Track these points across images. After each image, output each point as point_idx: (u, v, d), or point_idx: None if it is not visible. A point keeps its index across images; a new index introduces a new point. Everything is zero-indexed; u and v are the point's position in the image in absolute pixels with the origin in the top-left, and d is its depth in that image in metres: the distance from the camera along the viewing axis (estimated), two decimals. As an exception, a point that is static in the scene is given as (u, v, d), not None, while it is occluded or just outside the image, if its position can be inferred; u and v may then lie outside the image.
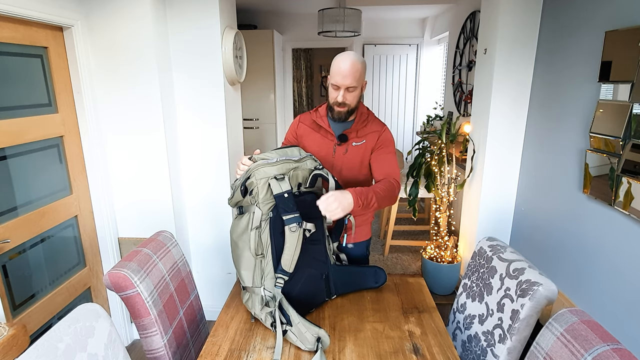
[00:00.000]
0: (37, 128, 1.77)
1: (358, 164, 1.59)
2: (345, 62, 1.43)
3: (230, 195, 1.37)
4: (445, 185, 2.84)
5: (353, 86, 1.45)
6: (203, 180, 2.39)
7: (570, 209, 1.99)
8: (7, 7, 1.52)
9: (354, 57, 1.44)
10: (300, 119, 1.68)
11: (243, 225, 1.33)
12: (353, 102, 1.51)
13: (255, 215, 1.29)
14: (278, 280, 1.28)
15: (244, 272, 1.33)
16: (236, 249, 1.35)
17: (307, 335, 1.20)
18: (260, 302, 1.31)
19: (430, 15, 4.94)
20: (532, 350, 1.03)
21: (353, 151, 1.57)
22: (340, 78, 1.44)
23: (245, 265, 1.32)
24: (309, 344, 1.19)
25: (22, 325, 1.30)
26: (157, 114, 2.10)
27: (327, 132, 1.59)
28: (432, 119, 4.47)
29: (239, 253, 1.34)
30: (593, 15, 1.83)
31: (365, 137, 1.57)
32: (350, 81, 1.44)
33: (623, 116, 1.58)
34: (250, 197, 1.31)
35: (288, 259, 1.26)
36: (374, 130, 1.58)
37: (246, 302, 1.36)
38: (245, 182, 1.30)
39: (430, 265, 2.84)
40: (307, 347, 1.19)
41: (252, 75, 4.53)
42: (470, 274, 1.49)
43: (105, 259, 2.24)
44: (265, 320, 1.29)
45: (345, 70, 1.42)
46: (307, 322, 1.22)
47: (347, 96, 1.48)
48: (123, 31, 1.99)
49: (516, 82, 2.36)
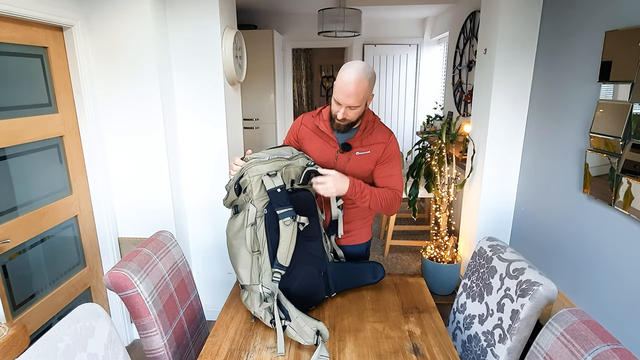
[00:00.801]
0: (37, 128, 1.77)
1: (360, 173, 1.52)
2: (350, 78, 1.32)
3: (225, 195, 1.38)
4: (445, 185, 2.84)
5: (355, 105, 1.37)
6: (203, 180, 2.39)
7: (570, 209, 1.99)
8: (7, 7, 1.52)
9: (361, 74, 1.32)
10: (302, 121, 1.60)
11: (238, 224, 1.33)
12: (354, 118, 1.43)
13: (250, 213, 1.30)
14: (275, 275, 1.28)
15: (241, 271, 1.33)
16: (232, 247, 1.36)
17: (306, 329, 1.20)
18: (259, 299, 1.31)
19: (430, 15, 4.94)
20: (532, 350, 1.03)
21: (356, 160, 1.51)
22: (343, 97, 1.35)
23: (242, 264, 1.33)
24: (309, 338, 1.19)
25: (22, 325, 1.30)
26: (157, 113, 2.10)
27: (330, 138, 1.52)
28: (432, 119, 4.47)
29: (235, 252, 1.35)
30: (593, 15, 1.83)
31: (370, 148, 1.50)
32: (352, 101, 1.35)
33: (623, 116, 1.58)
34: (244, 195, 1.32)
35: (284, 253, 1.27)
36: (380, 142, 1.51)
37: (245, 300, 1.36)
38: (239, 181, 1.31)
39: (430, 265, 2.84)
40: (306, 341, 1.20)
41: (252, 75, 4.53)
42: (470, 274, 1.49)
43: (105, 259, 2.24)
44: (264, 317, 1.30)
45: (348, 90, 1.33)
46: (305, 316, 1.23)
47: (348, 113, 1.40)
48: (123, 31, 1.99)
49: (516, 82, 2.36)
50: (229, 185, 1.36)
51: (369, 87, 1.36)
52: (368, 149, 1.51)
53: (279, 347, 1.20)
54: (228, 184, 1.36)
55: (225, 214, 2.44)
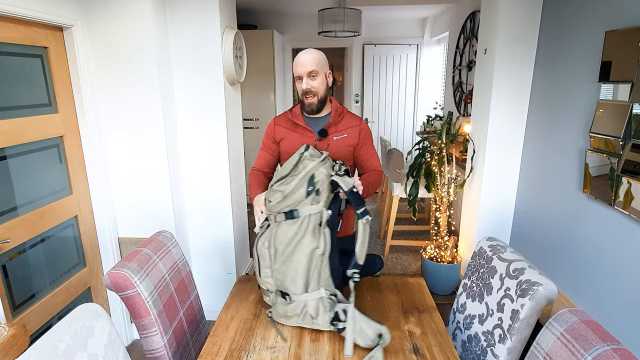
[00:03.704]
0: (37, 128, 1.77)
1: (341, 156, 1.61)
2: (303, 54, 1.52)
3: (280, 197, 1.28)
4: (445, 185, 2.84)
5: (314, 71, 1.50)
6: (203, 180, 2.39)
7: (570, 209, 1.99)
8: (7, 7, 1.52)
9: (311, 50, 1.53)
10: (275, 122, 1.68)
11: (294, 230, 1.27)
12: (320, 89, 1.54)
13: (324, 214, 1.29)
14: (355, 276, 1.27)
15: (299, 280, 1.27)
16: (292, 255, 1.28)
17: (368, 331, 1.20)
18: (321, 304, 1.28)
19: (430, 15, 4.94)
20: (532, 350, 1.03)
21: (335, 145, 1.61)
22: (300, 67, 1.50)
23: (300, 273, 1.27)
24: (369, 340, 1.19)
25: (22, 325, 1.30)
26: (157, 113, 2.10)
27: (305, 129, 1.61)
28: (432, 119, 4.47)
29: (296, 259, 1.27)
30: (593, 15, 1.83)
31: (346, 131, 1.62)
32: (310, 66, 1.49)
33: (623, 116, 1.58)
34: (314, 197, 1.28)
35: (362, 252, 1.28)
36: (353, 125, 1.64)
37: (290, 315, 1.30)
38: (313, 181, 1.28)
39: (430, 265, 2.84)
40: (366, 343, 1.19)
41: (252, 75, 4.53)
42: (470, 274, 1.49)
43: (105, 259, 2.24)
44: (322, 321, 1.27)
45: (303, 59, 1.50)
46: (368, 318, 1.22)
47: (311, 83, 1.52)
48: (123, 31, 1.99)
49: (516, 82, 2.36)
50: (288, 192, 1.28)
51: (321, 59, 1.53)
52: (344, 132, 1.62)
53: (347, 348, 1.16)
54: (286, 187, 1.29)
55: (224, 214, 2.44)
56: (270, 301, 1.39)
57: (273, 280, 1.34)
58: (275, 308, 1.34)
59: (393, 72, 5.40)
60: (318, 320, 1.28)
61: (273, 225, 1.33)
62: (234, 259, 2.52)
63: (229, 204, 2.43)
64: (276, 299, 1.36)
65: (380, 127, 5.57)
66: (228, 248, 2.50)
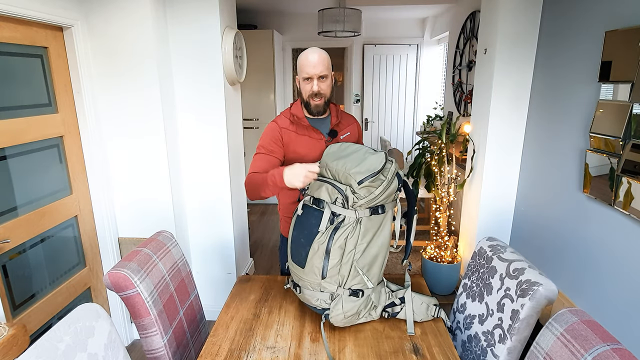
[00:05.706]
0: (37, 128, 1.77)
1: None
2: (313, 54, 1.47)
3: (382, 189, 1.23)
4: (445, 185, 2.84)
5: (324, 74, 1.48)
6: (203, 179, 2.39)
7: (570, 209, 1.99)
8: (7, 7, 1.52)
9: (319, 50, 1.49)
10: (280, 125, 1.56)
11: (380, 221, 1.28)
12: (328, 92, 1.53)
13: (399, 205, 1.34)
14: (410, 264, 1.47)
15: (377, 271, 1.32)
16: (372, 250, 1.28)
17: (423, 306, 1.36)
18: (384, 294, 1.37)
19: (430, 15, 4.94)
20: (532, 350, 1.03)
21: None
22: (311, 68, 1.46)
23: (379, 263, 1.32)
24: (424, 315, 1.36)
25: (22, 325, 1.30)
26: (157, 113, 2.10)
27: (313, 131, 1.57)
28: (432, 119, 4.47)
29: (374, 253, 1.28)
30: (593, 15, 1.83)
31: (348, 129, 1.65)
32: (321, 69, 1.46)
33: (623, 116, 1.58)
34: (395, 192, 1.31)
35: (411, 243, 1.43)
36: (351, 123, 1.68)
37: (364, 308, 1.31)
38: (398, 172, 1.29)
39: (430, 265, 2.84)
40: (421, 318, 1.35)
41: (252, 75, 4.53)
42: (470, 274, 1.49)
43: (105, 259, 2.24)
44: (376, 309, 1.34)
45: (314, 60, 1.46)
46: (420, 295, 1.38)
47: (321, 85, 1.49)
48: (123, 31, 1.99)
49: (516, 82, 2.35)
50: (386, 178, 1.24)
51: (328, 58, 1.51)
52: (347, 130, 1.65)
53: (409, 327, 1.31)
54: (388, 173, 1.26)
55: (224, 214, 2.44)
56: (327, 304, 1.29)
57: (339, 277, 1.25)
58: (342, 308, 1.27)
59: (393, 72, 5.40)
60: (378, 310, 1.35)
61: (349, 222, 1.23)
62: (234, 259, 2.52)
63: (229, 204, 2.43)
64: (339, 298, 1.27)
65: (380, 127, 5.57)
66: (228, 248, 2.50)
